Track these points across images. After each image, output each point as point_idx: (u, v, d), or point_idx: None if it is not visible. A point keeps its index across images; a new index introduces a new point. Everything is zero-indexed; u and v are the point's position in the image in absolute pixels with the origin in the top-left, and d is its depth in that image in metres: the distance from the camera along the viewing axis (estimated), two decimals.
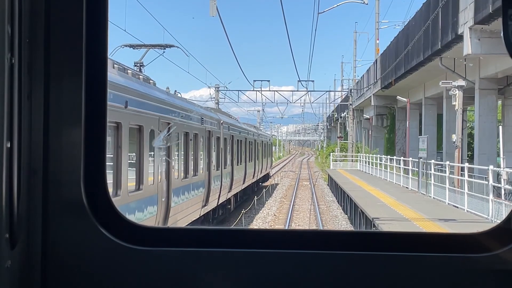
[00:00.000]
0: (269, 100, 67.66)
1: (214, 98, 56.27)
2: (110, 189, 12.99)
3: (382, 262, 2.23)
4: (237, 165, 29.69)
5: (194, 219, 20.40)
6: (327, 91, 73.68)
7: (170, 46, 24.52)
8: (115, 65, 14.31)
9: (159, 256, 2.25)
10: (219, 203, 25.26)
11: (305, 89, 63.12)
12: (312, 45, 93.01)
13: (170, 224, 16.66)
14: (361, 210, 24.78)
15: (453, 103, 31.15)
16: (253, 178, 37.27)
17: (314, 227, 28.35)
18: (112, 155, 12.57)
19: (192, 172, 19.55)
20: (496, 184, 21.66)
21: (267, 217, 30.98)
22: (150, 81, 17.39)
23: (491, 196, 20.38)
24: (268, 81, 62.32)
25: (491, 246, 2.21)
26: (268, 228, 26.75)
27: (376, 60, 52.84)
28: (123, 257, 2.23)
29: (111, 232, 2.22)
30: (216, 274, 2.25)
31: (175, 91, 20.46)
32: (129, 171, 13.42)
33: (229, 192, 27.51)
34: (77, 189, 2.19)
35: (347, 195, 31.48)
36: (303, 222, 29.76)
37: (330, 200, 40.28)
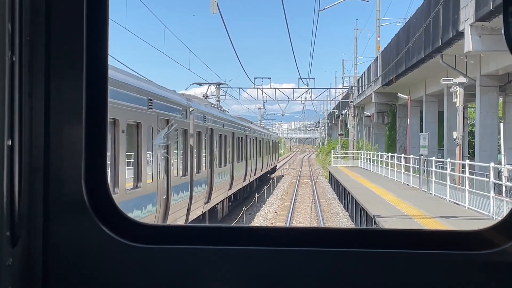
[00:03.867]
0: (270, 97, 67.86)
1: (215, 95, 56.23)
2: (215, 162, 23.09)
3: (384, 260, 2.23)
4: (258, 157, 40.16)
5: (239, 188, 31.27)
6: (328, 88, 73.94)
7: (222, 83, 41.77)
8: (212, 105, 28.30)
9: (160, 254, 2.25)
10: (249, 181, 36.48)
11: (306, 87, 63.15)
12: (313, 43, 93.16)
13: (233, 186, 28.32)
14: (362, 207, 24.79)
15: (454, 100, 31.13)
16: (266, 168, 48.22)
17: (315, 224, 28.36)
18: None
19: (240, 160, 30.89)
20: (497, 181, 21.65)
21: (268, 215, 31.00)
22: (223, 108, 32.29)
23: (492, 193, 20.38)
24: (269, 78, 62.16)
25: (493, 242, 2.21)
26: (269, 225, 26.77)
27: (377, 57, 52.81)
28: (124, 255, 2.23)
29: (112, 230, 2.22)
30: (217, 271, 2.25)
31: (223, 108, 32.72)
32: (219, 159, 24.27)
33: (254, 175, 38.39)
34: (78, 187, 2.19)
35: (348, 192, 31.49)
36: (304, 219, 29.77)
37: (331, 197, 40.29)
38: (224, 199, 26.71)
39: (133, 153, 13.38)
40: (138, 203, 13.57)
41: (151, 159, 14.52)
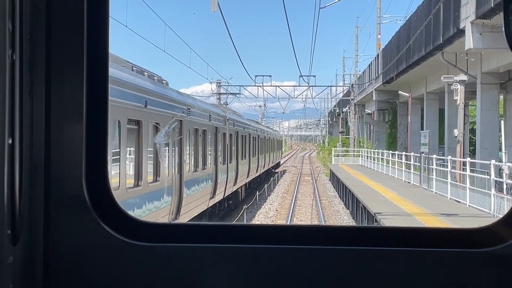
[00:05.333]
0: (270, 95, 67.76)
1: (215, 93, 56.23)
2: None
3: (385, 258, 2.23)
4: (266, 153, 47.99)
5: (253, 178, 38.58)
6: (328, 86, 73.70)
7: (237, 93, 53.31)
8: (235, 112, 36.37)
9: (161, 252, 2.25)
10: (260, 173, 43.68)
11: (307, 84, 63.18)
12: (313, 40, 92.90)
13: (249, 175, 35.19)
14: (363, 205, 24.79)
15: (454, 98, 31.11)
16: (272, 162, 55.78)
17: (316, 222, 28.36)
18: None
19: (254, 155, 37.90)
20: (498, 179, 21.64)
21: (269, 212, 31.01)
22: (240, 114, 40.71)
23: (493, 191, 20.37)
24: (270, 76, 62.39)
25: (495, 240, 2.21)
26: (270, 223, 26.78)
27: (378, 55, 52.78)
28: (125, 253, 2.23)
29: (113, 228, 2.22)
30: (218, 269, 2.25)
31: (240, 114, 41.69)
32: (241, 153, 31.73)
33: (263, 168, 45.82)
34: (78, 185, 2.19)
35: (349, 190, 31.49)
36: (305, 217, 29.78)
37: (332, 195, 40.29)
38: (243, 185, 33.99)
39: (202, 149, 20.88)
40: (205, 178, 21.37)
41: (210, 153, 22.33)
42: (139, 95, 13.44)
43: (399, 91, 45.06)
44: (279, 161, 69.31)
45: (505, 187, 21.19)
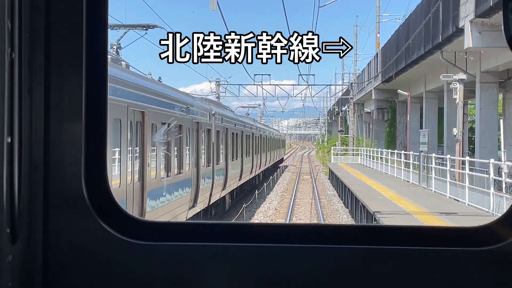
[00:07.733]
0: (270, 94, 67.77)
1: (215, 92, 56.18)
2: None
3: (384, 256, 2.23)
4: (274, 150, 57.32)
5: (268, 166, 50.51)
6: (328, 85, 73.70)
7: (256, 106, 72.70)
8: (255, 120, 53.50)
9: (159, 250, 2.25)
10: (271, 164, 54.98)
11: (306, 83, 63.18)
12: None
13: (266, 164, 47.67)
14: (362, 204, 24.79)
15: (454, 97, 31.11)
16: (279, 157, 65.98)
17: (315, 221, 28.37)
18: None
19: (268, 150, 48.80)
20: (497, 178, 21.64)
21: (268, 211, 31.01)
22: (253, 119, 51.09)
23: (492, 190, 20.37)
24: (269, 75, 62.54)
25: (494, 238, 2.21)
26: (269, 222, 26.80)
27: (377, 54, 52.76)
28: (123, 252, 2.23)
29: (112, 226, 2.22)
30: (217, 268, 2.25)
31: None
32: (263, 149, 46.06)
33: (273, 161, 56.41)
34: (78, 184, 2.19)
35: (348, 189, 31.49)
36: (304, 216, 29.78)
37: (331, 194, 40.29)
38: (262, 171, 47.02)
39: (248, 147, 34.87)
40: (250, 162, 35.62)
41: (252, 148, 36.67)
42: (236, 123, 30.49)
43: (398, 90, 45.03)
44: (283, 157, 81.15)
45: (504, 186, 21.20)
